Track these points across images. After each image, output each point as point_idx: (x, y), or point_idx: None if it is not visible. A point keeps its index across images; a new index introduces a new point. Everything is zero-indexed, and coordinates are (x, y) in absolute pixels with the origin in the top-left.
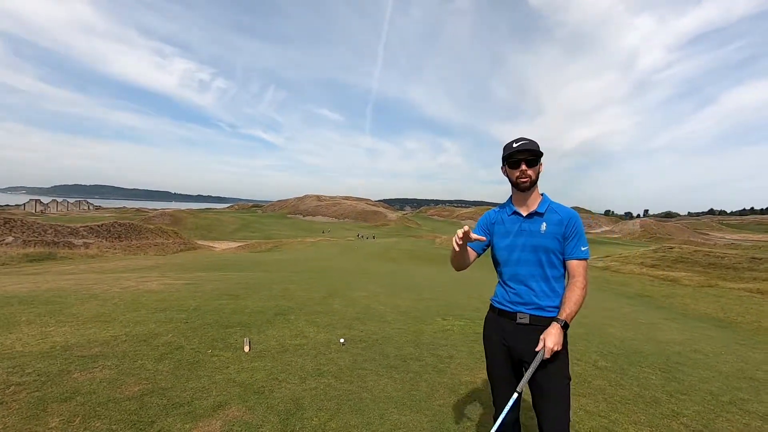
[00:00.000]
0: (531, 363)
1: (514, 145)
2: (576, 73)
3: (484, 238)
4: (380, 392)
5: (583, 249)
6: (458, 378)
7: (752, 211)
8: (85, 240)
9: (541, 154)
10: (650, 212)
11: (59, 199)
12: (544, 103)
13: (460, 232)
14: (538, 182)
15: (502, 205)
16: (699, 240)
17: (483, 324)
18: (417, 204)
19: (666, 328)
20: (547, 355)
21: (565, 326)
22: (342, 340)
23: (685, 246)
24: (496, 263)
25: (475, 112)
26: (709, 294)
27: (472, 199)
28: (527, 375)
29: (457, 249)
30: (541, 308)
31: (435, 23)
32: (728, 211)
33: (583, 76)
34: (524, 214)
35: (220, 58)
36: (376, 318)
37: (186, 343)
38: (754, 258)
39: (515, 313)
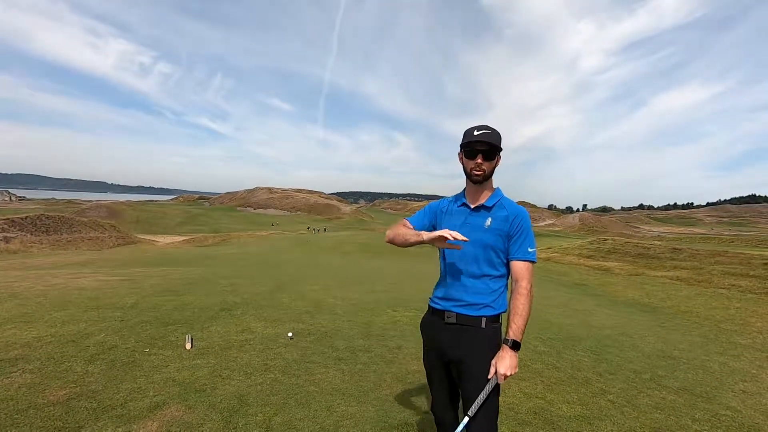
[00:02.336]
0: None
1: (475, 132)
2: (523, 72)
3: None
4: (328, 385)
5: (530, 250)
6: (406, 367)
7: (675, 206)
8: (5, 234)
9: (500, 149)
10: (588, 207)
11: None
12: (493, 100)
13: (460, 236)
14: (494, 176)
15: (455, 196)
16: (630, 232)
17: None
18: (371, 197)
19: (599, 313)
20: (501, 381)
21: (514, 346)
22: (290, 334)
23: (618, 238)
24: (440, 254)
25: (428, 108)
26: (637, 282)
27: (424, 193)
28: (478, 400)
29: (438, 242)
30: (469, 305)
31: (389, 17)
32: (655, 206)
33: (530, 75)
34: (472, 206)
35: (163, 41)
36: (327, 311)
37: (121, 343)
38: (675, 248)
39: (444, 311)
